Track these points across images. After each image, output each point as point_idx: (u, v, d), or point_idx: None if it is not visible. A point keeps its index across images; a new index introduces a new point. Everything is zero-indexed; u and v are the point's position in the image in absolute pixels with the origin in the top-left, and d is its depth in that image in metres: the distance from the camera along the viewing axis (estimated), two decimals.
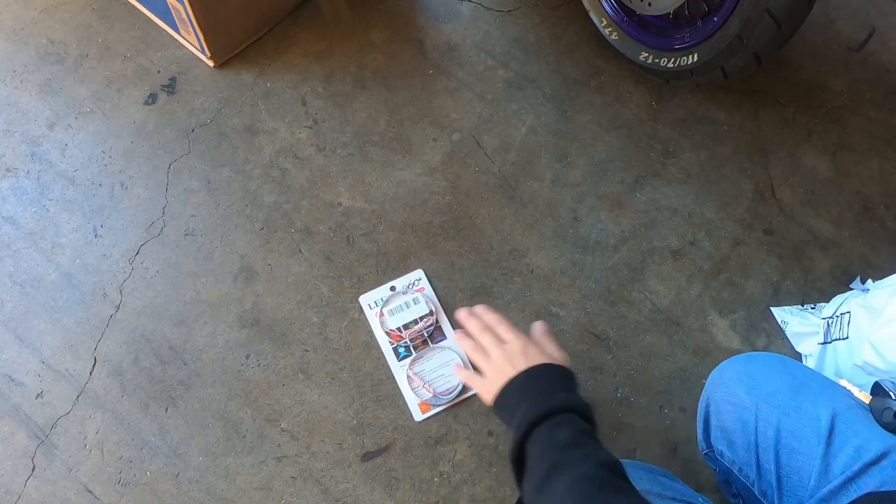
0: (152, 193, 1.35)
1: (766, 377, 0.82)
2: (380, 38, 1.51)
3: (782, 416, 0.78)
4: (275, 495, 1.12)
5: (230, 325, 1.24)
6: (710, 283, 1.27)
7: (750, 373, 0.83)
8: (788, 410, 0.78)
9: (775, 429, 0.78)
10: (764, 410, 0.80)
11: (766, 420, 0.79)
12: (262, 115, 1.42)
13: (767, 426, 0.79)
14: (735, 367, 0.86)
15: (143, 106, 1.43)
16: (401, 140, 1.40)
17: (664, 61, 1.35)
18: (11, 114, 1.43)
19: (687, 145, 1.40)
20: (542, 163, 1.38)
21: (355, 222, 1.32)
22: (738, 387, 0.83)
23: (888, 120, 1.43)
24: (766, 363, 0.85)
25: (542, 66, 1.48)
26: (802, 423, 0.77)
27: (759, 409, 0.80)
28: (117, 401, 1.18)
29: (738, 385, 0.83)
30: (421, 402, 1.17)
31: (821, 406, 0.77)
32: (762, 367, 0.84)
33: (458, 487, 1.12)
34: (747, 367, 0.85)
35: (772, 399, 0.80)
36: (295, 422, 1.17)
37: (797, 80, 1.47)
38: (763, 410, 0.80)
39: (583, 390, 1.19)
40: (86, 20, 1.52)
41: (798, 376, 0.82)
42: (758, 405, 0.80)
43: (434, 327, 1.23)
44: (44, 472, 1.13)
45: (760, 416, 0.80)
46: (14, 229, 1.32)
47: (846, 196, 1.35)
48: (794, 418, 0.78)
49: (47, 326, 1.24)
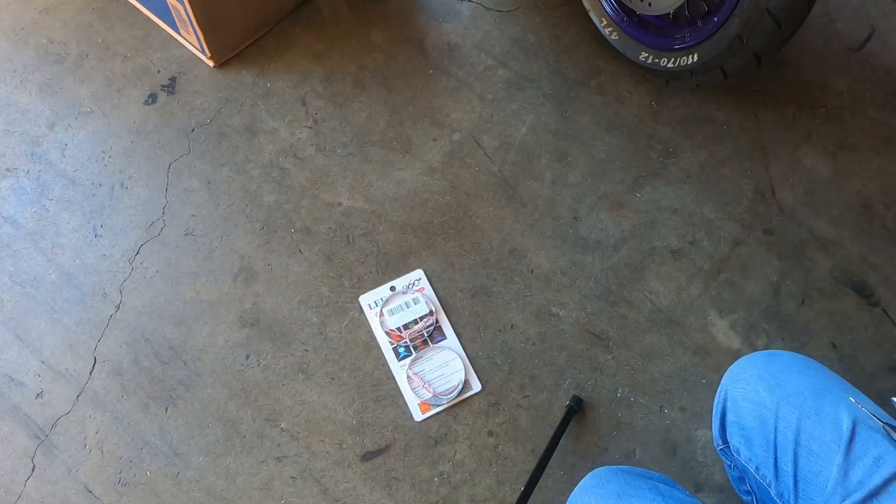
0: (152, 193, 1.35)
1: (788, 377, 0.80)
2: (380, 38, 1.51)
3: (803, 418, 0.77)
4: (275, 495, 1.12)
5: (230, 325, 1.24)
6: (710, 283, 1.27)
7: (772, 371, 0.82)
8: (810, 413, 0.77)
9: (795, 430, 0.77)
10: (784, 411, 0.78)
11: (786, 420, 0.78)
12: (262, 115, 1.42)
13: (787, 427, 0.77)
14: (756, 364, 0.84)
15: (143, 106, 1.43)
16: (401, 140, 1.40)
17: (664, 61, 1.35)
18: (11, 114, 1.43)
19: (687, 145, 1.40)
20: (542, 163, 1.38)
21: (355, 222, 1.32)
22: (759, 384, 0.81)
23: (888, 120, 1.43)
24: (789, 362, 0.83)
25: (542, 66, 1.48)
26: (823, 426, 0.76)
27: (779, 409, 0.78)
28: (117, 401, 1.18)
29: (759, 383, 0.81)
30: (421, 402, 1.17)
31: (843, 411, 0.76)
32: (784, 366, 0.82)
33: (458, 487, 1.12)
34: (769, 364, 0.83)
35: (793, 400, 0.78)
36: (295, 422, 1.17)
37: (797, 80, 1.47)
38: (784, 410, 0.78)
39: (583, 390, 1.19)
40: (86, 20, 1.52)
41: (821, 379, 0.80)
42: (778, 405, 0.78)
43: (434, 327, 1.23)
44: (44, 472, 1.13)
45: (781, 416, 0.78)
46: (14, 229, 1.32)
47: (846, 196, 1.35)
48: (816, 421, 0.76)
49: (47, 326, 1.24)
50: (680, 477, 1.13)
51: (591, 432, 1.16)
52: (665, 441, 1.15)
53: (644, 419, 1.17)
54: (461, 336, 1.23)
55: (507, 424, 1.16)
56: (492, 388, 1.19)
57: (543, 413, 1.17)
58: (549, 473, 1.11)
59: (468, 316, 1.24)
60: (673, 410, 1.17)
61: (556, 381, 1.19)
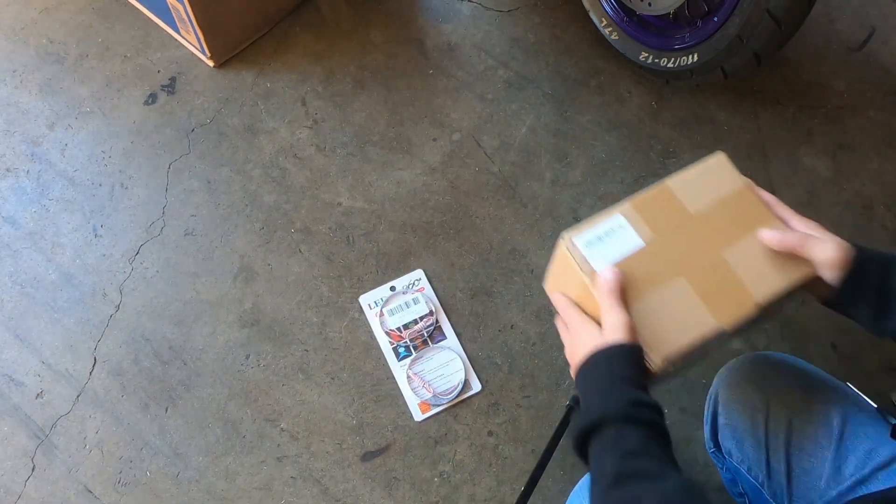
0: (152, 193, 1.35)
1: (777, 377, 0.81)
2: (380, 38, 1.51)
3: (794, 418, 0.78)
4: (275, 495, 1.12)
5: (230, 325, 1.24)
6: None
7: (761, 372, 0.83)
8: (800, 411, 0.78)
9: (786, 429, 0.78)
10: (775, 411, 0.79)
11: (776, 420, 0.78)
12: (262, 115, 1.42)
13: (778, 426, 0.78)
14: (746, 366, 0.85)
15: (143, 106, 1.43)
16: (401, 140, 1.40)
17: (664, 61, 1.35)
18: (11, 114, 1.43)
19: (687, 145, 1.40)
20: (542, 163, 1.38)
21: (355, 222, 1.32)
22: (749, 386, 0.82)
23: (888, 120, 1.43)
24: (777, 363, 0.84)
25: (542, 66, 1.48)
26: (814, 423, 0.77)
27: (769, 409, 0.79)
28: (117, 401, 1.18)
29: (749, 384, 0.82)
30: (421, 402, 1.17)
31: (832, 408, 0.77)
32: (773, 366, 0.83)
33: (458, 487, 1.12)
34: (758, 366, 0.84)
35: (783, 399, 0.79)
36: (295, 422, 1.17)
37: (797, 80, 1.47)
38: (774, 410, 0.79)
39: None
40: (86, 20, 1.52)
41: (808, 377, 0.81)
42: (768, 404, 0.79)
43: (434, 327, 1.23)
44: (44, 472, 1.13)
45: (771, 415, 0.79)
46: (14, 229, 1.32)
47: (846, 196, 1.35)
48: (806, 419, 0.77)
49: (47, 326, 1.24)
50: None
51: None
52: None
53: None
54: (461, 336, 1.23)
55: (507, 424, 1.16)
56: (492, 388, 1.19)
57: (543, 413, 1.17)
58: (549, 473, 1.11)
59: (468, 316, 1.24)
60: (673, 410, 1.17)
61: (556, 381, 1.19)
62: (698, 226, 0.84)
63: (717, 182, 0.88)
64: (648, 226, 0.83)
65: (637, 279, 0.79)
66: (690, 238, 0.83)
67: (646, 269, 0.80)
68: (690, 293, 0.79)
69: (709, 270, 0.81)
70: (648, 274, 0.80)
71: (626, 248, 0.80)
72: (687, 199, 0.86)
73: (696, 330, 0.77)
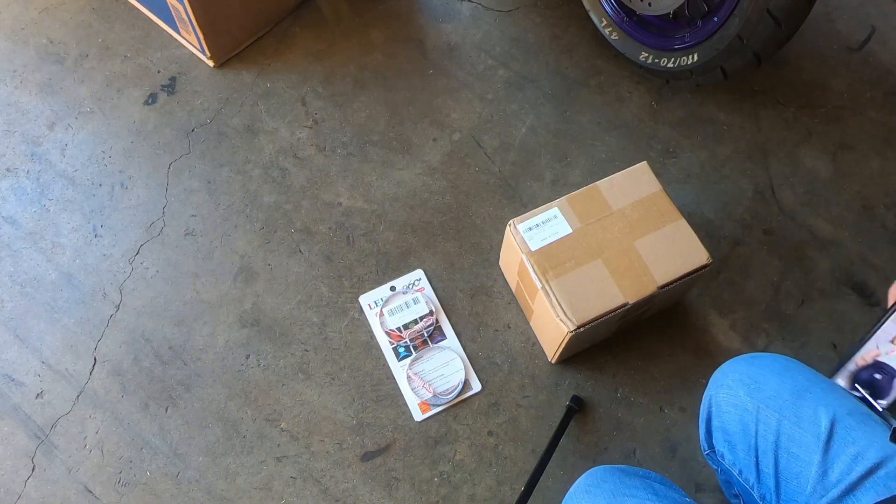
0: (152, 193, 1.35)
1: (767, 379, 0.82)
2: (380, 38, 1.51)
3: (783, 420, 0.78)
4: (275, 495, 1.12)
5: (230, 325, 1.24)
6: (710, 283, 1.27)
7: (752, 374, 0.83)
8: (789, 414, 0.78)
9: (775, 433, 0.78)
10: (764, 414, 0.79)
11: (766, 423, 0.79)
12: (262, 115, 1.42)
13: (768, 430, 0.79)
14: (738, 369, 0.85)
15: (143, 106, 1.43)
16: (401, 140, 1.40)
17: (664, 61, 1.35)
18: (11, 114, 1.43)
19: (687, 145, 1.40)
20: (542, 163, 1.38)
21: (355, 222, 1.32)
22: (740, 388, 0.82)
23: (888, 120, 1.43)
24: (769, 365, 0.84)
25: (542, 66, 1.48)
26: (802, 427, 0.77)
27: (759, 412, 0.80)
28: (117, 401, 1.18)
29: (740, 387, 0.82)
30: (421, 402, 1.17)
31: (821, 410, 0.77)
32: (764, 368, 0.83)
33: (458, 487, 1.12)
34: (750, 368, 0.84)
35: (772, 402, 0.79)
36: (295, 422, 1.17)
37: (797, 80, 1.47)
38: (763, 414, 0.79)
39: (583, 390, 1.19)
40: (86, 20, 1.52)
41: (801, 379, 0.81)
42: (759, 408, 0.80)
43: (434, 327, 1.23)
44: (44, 472, 1.13)
45: (761, 419, 0.79)
46: (14, 229, 1.32)
47: (846, 196, 1.35)
48: (795, 423, 0.77)
49: (47, 326, 1.24)
50: (680, 477, 1.13)
51: (591, 432, 1.16)
52: (665, 441, 1.15)
53: (644, 419, 1.17)
54: (461, 336, 1.23)
55: (507, 424, 1.16)
56: (492, 388, 1.19)
57: (543, 413, 1.17)
58: (549, 473, 1.12)
59: (468, 316, 1.24)
60: (673, 410, 1.17)
61: (556, 381, 1.19)
62: (617, 220, 1.10)
63: (638, 186, 1.13)
64: (578, 217, 1.10)
65: (563, 258, 1.07)
66: (609, 229, 1.09)
67: (571, 251, 1.07)
68: (605, 273, 1.05)
69: (622, 256, 1.07)
70: (573, 255, 1.07)
71: (557, 233, 1.09)
72: (611, 197, 1.12)
73: (607, 302, 1.03)
